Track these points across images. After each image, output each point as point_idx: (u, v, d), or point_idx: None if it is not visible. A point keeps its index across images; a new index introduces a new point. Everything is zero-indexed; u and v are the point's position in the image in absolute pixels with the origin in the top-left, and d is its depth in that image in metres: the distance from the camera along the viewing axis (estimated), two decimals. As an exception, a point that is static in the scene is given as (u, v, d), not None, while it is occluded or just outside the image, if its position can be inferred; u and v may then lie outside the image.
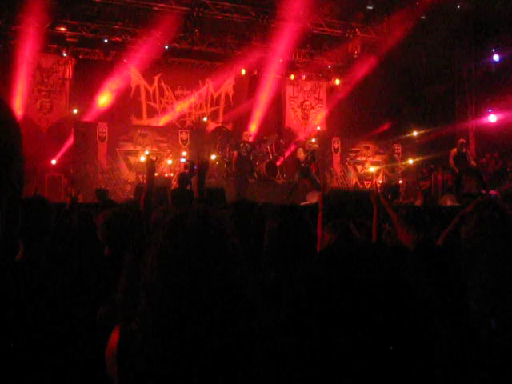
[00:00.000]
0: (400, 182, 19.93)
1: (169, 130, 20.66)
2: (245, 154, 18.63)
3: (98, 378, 2.09)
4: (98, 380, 2.11)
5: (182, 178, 13.08)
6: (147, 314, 1.97)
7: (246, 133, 19.21)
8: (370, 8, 20.22)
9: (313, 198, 15.70)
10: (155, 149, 19.33)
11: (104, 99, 20.22)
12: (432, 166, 19.59)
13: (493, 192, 15.80)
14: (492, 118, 21.15)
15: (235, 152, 18.47)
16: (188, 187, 12.70)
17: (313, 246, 3.72)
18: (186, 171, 15.36)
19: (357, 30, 21.13)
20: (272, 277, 3.22)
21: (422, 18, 19.58)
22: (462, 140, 18.92)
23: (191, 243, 1.96)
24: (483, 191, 16.28)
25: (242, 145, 18.52)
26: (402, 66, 20.88)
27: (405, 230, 4.50)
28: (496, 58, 20.82)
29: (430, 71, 20.48)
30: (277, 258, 3.38)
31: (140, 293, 2.00)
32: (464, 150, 18.57)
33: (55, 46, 19.90)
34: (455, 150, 18.39)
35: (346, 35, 21.08)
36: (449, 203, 14.79)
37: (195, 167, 15.50)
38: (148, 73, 21.57)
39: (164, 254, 1.99)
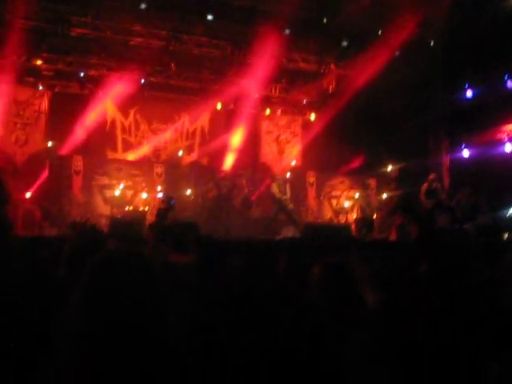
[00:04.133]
0: (375, 216, 19.99)
1: (144, 164, 20.66)
2: (224, 192, 18.70)
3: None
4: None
5: (159, 214, 13.09)
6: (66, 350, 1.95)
7: (223, 171, 19.36)
8: (345, 44, 20.41)
9: (288, 232, 15.75)
10: (130, 183, 19.33)
11: (80, 132, 20.15)
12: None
13: (466, 226, 15.88)
14: (465, 153, 21.33)
15: (215, 190, 18.55)
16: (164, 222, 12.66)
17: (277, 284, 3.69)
18: (163, 206, 15.36)
19: (332, 65, 21.32)
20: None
21: (396, 53, 19.80)
22: (432, 176, 19.08)
23: (112, 286, 1.96)
24: (457, 225, 16.38)
25: (222, 183, 18.60)
26: (377, 101, 21.06)
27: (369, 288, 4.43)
28: (469, 94, 21.04)
29: (403, 106, 20.66)
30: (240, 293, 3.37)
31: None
32: (435, 185, 18.73)
33: (31, 79, 19.87)
34: (426, 185, 18.56)
35: (321, 71, 21.26)
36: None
37: (172, 202, 15.55)
38: (124, 106, 21.55)
39: (88, 293, 1.98)
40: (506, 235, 13.34)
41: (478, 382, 2.79)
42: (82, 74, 20.07)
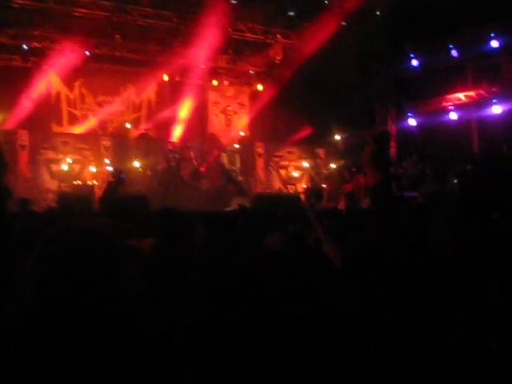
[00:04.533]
0: (323, 185, 20.14)
1: (91, 138, 20.41)
2: (173, 165, 18.59)
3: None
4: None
5: (108, 187, 13.04)
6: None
7: (171, 143, 19.27)
8: (291, 14, 20.38)
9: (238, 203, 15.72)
10: (78, 156, 19.11)
11: (24, 106, 19.79)
12: (354, 169, 19.82)
13: (412, 194, 16.11)
14: (412, 122, 21.57)
15: (163, 162, 18.46)
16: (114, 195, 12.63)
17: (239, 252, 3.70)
18: (112, 180, 15.26)
19: (278, 35, 21.27)
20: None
21: (342, 23, 19.85)
22: None
23: (65, 259, 1.93)
24: (403, 194, 16.61)
25: (171, 155, 18.50)
26: (324, 71, 21.11)
27: (331, 246, 4.48)
28: (415, 62, 21.26)
29: (350, 76, 20.74)
30: (204, 263, 3.37)
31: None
32: None
33: (-28, 52, 19.48)
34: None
35: (268, 41, 21.21)
36: (371, 206, 14.98)
37: (122, 175, 15.45)
38: (69, 79, 21.19)
39: (37, 267, 1.95)
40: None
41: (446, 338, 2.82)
42: (25, 47, 19.67)
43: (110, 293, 1.95)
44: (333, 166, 21.19)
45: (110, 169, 18.33)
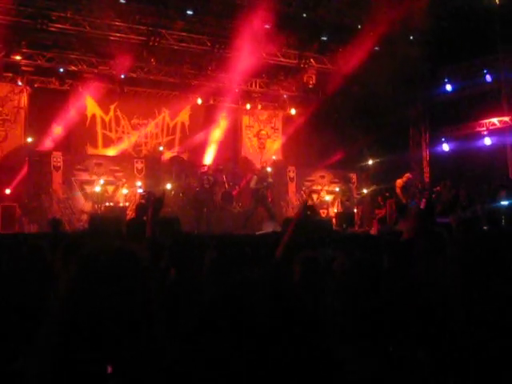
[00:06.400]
0: (355, 210, 20.07)
1: (124, 160, 20.55)
2: (207, 187, 18.64)
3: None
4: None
5: (139, 209, 13.09)
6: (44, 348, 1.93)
7: (204, 165, 19.41)
8: (325, 39, 20.43)
9: (268, 227, 15.71)
10: (111, 178, 19.23)
11: (59, 128, 20.04)
12: (387, 194, 19.72)
13: (445, 220, 15.96)
14: (445, 147, 21.47)
15: (197, 185, 18.55)
16: (144, 218, 12.68)
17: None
18: (143, 201, 15.33)
19: (312, 60, 21.29)
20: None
21: (376, 48, 19.84)
22: (408, 175, 19.06)
23: (99, 279, 1.95)
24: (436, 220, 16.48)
25: (205, 177, 18.57)
26: (357, 96, 21.12)
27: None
28: (449, 87, 21.19)
29: (383, 101, 20.69)
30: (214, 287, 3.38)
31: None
32: (410, 184, 18.81)
33: (10, 74, 19.74)
34: (401, 180, 18.56)
35: (301, 65, 21.22)
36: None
37: (151, 195, 15.51)
38: (104, 102, 21.51)
39: (72, 288, 1.97)
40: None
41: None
42: (61, 70, 19.95)
43: (135, 311, 1.98)
44: (365, 190, 21.12)
45: (140, 191, 18.43)
